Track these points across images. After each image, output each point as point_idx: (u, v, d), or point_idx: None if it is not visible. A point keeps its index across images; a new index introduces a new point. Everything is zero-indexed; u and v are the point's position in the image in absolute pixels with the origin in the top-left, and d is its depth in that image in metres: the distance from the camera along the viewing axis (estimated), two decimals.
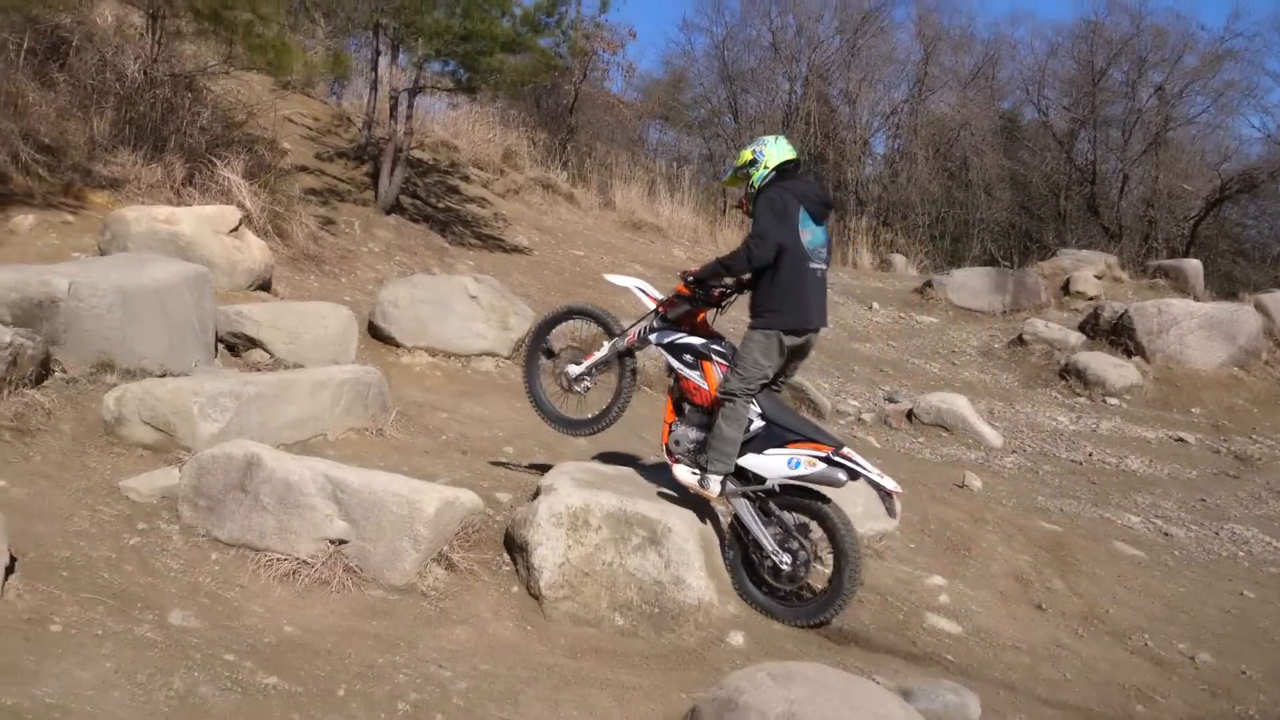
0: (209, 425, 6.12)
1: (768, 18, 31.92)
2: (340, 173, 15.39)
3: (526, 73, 15.03)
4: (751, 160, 5.83)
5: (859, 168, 30.29)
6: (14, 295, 6.49)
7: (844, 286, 18.06)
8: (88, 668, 3.99)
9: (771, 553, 5.59)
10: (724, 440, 5.58)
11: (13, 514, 4.88)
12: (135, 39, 13.12)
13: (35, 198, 10.55)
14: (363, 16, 14.59)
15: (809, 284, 5.62)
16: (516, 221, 17.30)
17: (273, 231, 11.39)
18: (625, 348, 6.17)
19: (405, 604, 5.09)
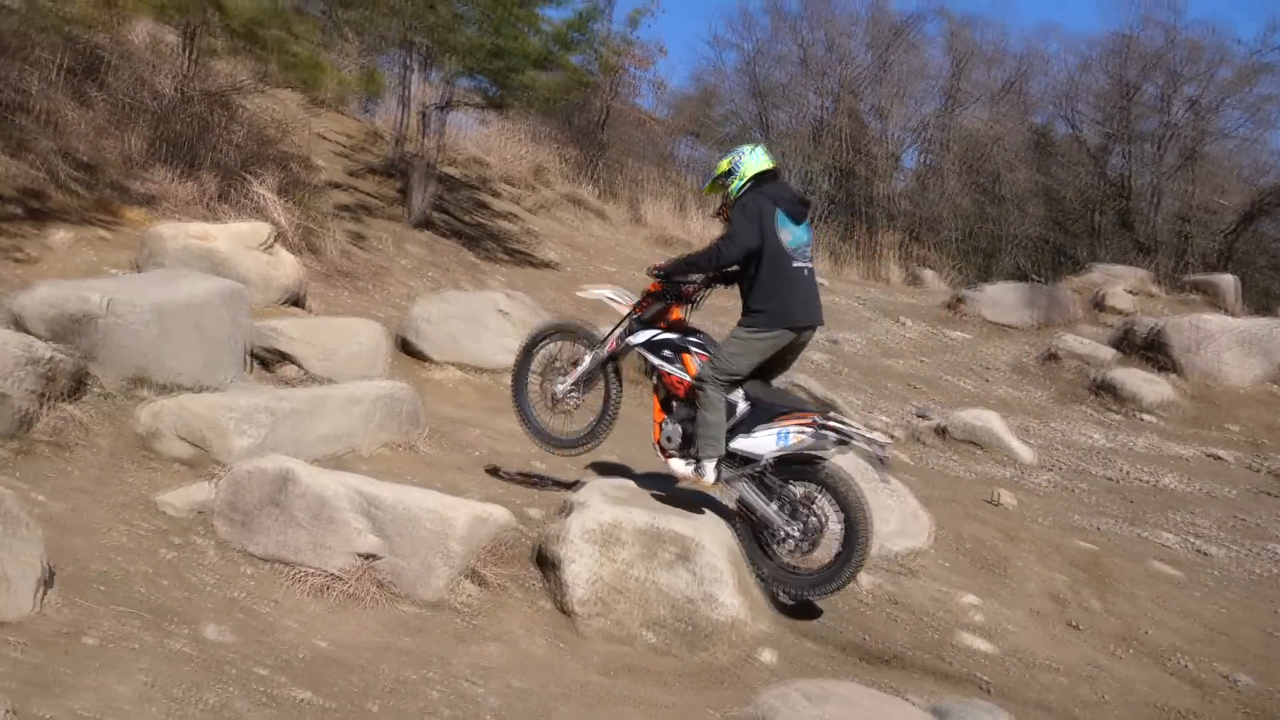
0: (243, 440, 6.16)
1: (798, 33, 31.93)
2: (372, 189, 15.49)
3: (557, 89, 15.11)
4: (729, 170, 5.95)
5: (889, 182, 30.20)
6: (51, 311, 6.57)
7: (874, 302, 17.99)
8: (124, 681, 4.01)
9: (781, 525, 5.62)
10: (707, 426, 5.65)
11: (50, 528, 4.92)
12: (170, 57, 13.28)
13: (72, 214, 10.67)
14: (395, 34, 14.70)
15: (795, 282, 5.71)
16: (547, 237, 17.36)
17: (305, 247, 11.47)
18: (607, 355, 6.23)
19: (437, 620, 5.10)
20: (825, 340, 14.51)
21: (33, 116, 11.19)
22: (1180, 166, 28.16)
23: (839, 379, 12.46)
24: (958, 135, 30.05)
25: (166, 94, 12.59)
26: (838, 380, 12.34)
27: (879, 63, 30.53)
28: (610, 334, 6.26)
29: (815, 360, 13.02)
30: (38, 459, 5.88)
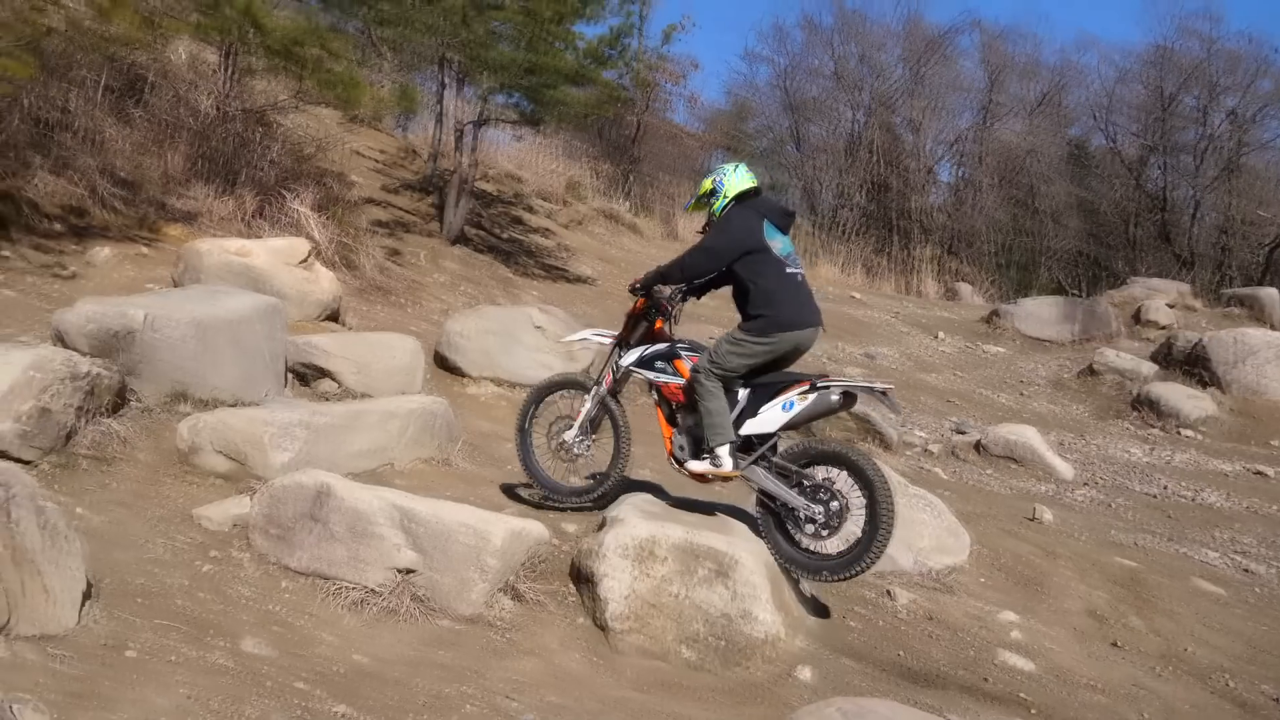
0: (281, 455, 6.20)
1: (831, 47, 31.91)
2: (407, 204, 15.59)
3: (591, 105, 15.18)
4: (712, 190, 6.01)
5: (924, 196, 30.07)
6: (92, 327, 6.64)
7: (910, 316, 17.91)
8: (164, 694, 4.03)
9: (802, 508, 5.58)
10: (712, 414, 5.67)
11: (91, 541, 4.97)
12: (209, 75, 13.44)
13: (113, 231, 10.81)
14: (430, 51, 14.82)
15: (791, 287, 5.77)
16: (581, 252, 17.40)
17: (341, 263, 11.55)
18: (606, 391, 6.27)
19: (473, 634, 5.10)
20: (860, 354, 14.47)
21: (75, 135, 11.35)
22: (1219, 178, 27.87)
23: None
24: (993, 148, 29.89)
25: (206, 112, 12.74)
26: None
27: (913, 76, 30.45)
28: (604, 369, 6.34)
29: (850, 374, 12.97)
30: (79, 473, 5.95)
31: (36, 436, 5.82)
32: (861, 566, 5.49)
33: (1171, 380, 13.17)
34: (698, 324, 11.08)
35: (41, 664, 4.05)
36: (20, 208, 10.30)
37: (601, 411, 6.32)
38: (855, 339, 15.70)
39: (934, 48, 30.71)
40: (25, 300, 9.18)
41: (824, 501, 5.58)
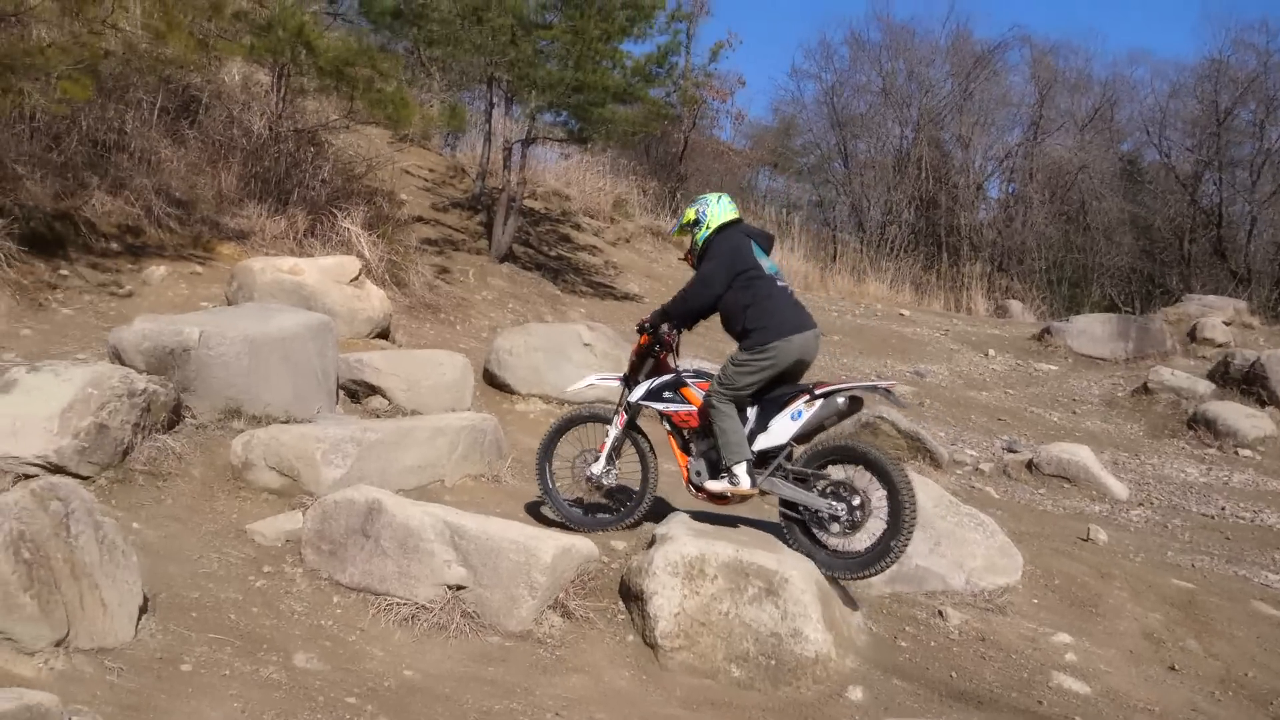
0: (332, 471, 6.25)
1: (878, 63, 31.79)
2: (455, 222, 15.71)
3: (638, 122, 15.23)
4: (695, 220, 6.16)
5: (972, 212, 29.84)
6: (148, 344, 6.74)
7: (959, 333, 17.76)
8: (217, 707, 4.07)
9: (825, 509, 5.63)
10: (727, 434, 5.75)
11: (146, 555, 5.04)
12: (261, 96, 13.64)
13: (167, 249, 10.98)
14: (478, 70, 14.94)
15: (784, 298, 5.93)
16: (627, 269, 17.44)
17: (391, 280, 11.65)
18: (622, 429, 6.35)
19: (522, 651, 5.10)
20: (909, 372, 14.37)
21: (131, 155, 11.55)
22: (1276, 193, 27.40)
23: (923, 411, 12.30)
24: (1043, 164, 29.60)
25: (258, 132, 12.91)
26: (922, 413, 12.19)
27: (961, 91, 30.25)
28: (618, 408, 6.41)
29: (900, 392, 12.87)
30: (135, 488, 6.03)
31: (94, 452, 5.91)
32: (890, 558, 5.52)
33: (1228, 399, 12.95)
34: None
35: (99, 676, 4.11)
36: (78, 227, 10.49)
37: (624, 443, 6.41)
38: (904, 356, 15.59)
39: (982, 63, 30.50)
40: (82, 318, 9.34)
41: (845, 499, 5.63)
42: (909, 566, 6.39)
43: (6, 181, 9.99)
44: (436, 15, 13.44)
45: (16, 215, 9.73)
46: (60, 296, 9.59)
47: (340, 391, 8.01)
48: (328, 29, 13.26)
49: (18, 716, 3.33)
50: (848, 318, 18.17)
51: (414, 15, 13.82)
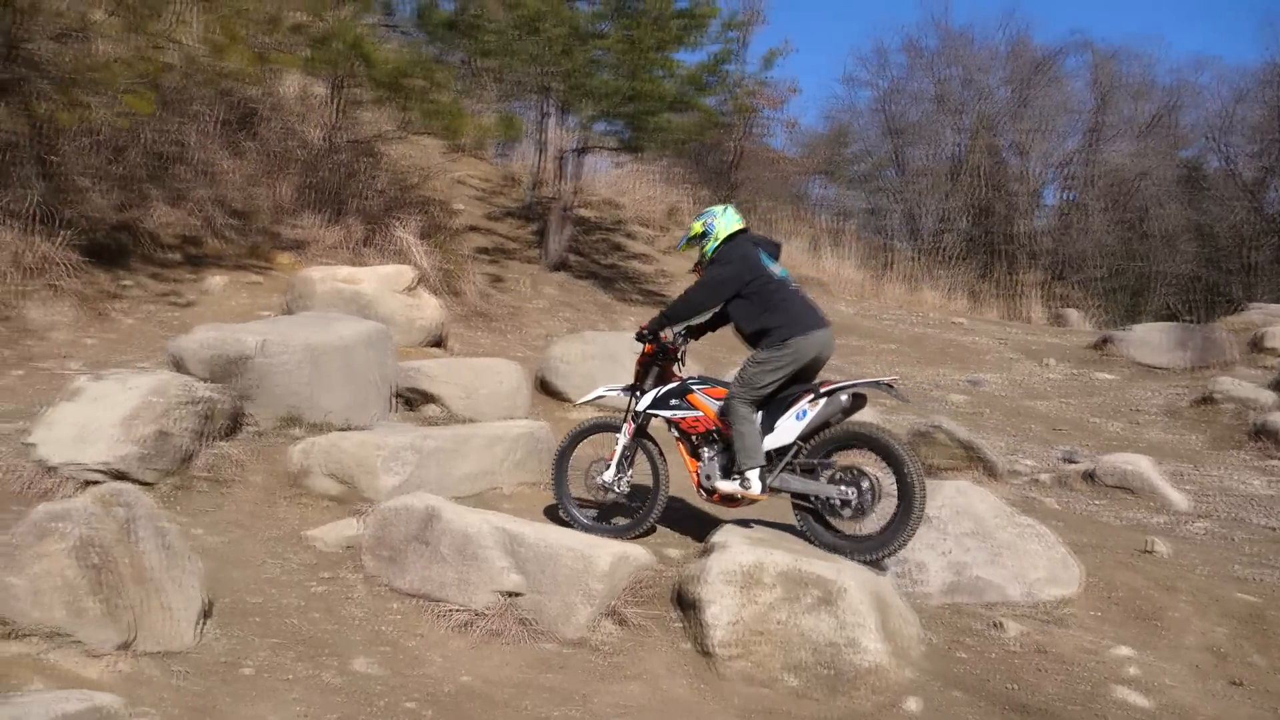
0: (390, 478, 6.30)
1: (933, 70, 31.56)
2: (508, 231, 15.80)
3: (691, 131, 15.23)
4: (703, 232, 6.27)
5: (1029, 220, 29.50)
6: (209, 353, 6.84)
7: (1016, 342, 17.56)
8: (278, 711, 4.11)
9: (835, 495, 5.71)
10: (745, 437, 5.81)
11: (208, 560, 5.11)
12: (318, 108, 13.82)
13: (226, 259, 11.15)
14: (531, 80, 15.02)
15: (797, 299, 5.98)
16: (679, 277, 17.43)
17: (445, 289, 11.74)
18: (630, 437, 6.39)
19: (578, 658, 5.10)
20: (964, 381, 14.23)
21: (191, 167, 11.75)
22: None
23: (980, 421, 12.17)
24: (1102, 171, 29.21)
25: (314, 143, 13.09)
26: (979, 422, 12.05)
27: (1018, 98, 29.94)
28: (625, 418, 6.48)
29: (954, 401, 12.76)
30: (196, 494, 6.12)
31: (156, 459, 6.01)
32: (904, 538, 5.60)
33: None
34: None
35: (163, 680, 4.17)
36: (140, 238, 10.69)
37: (635, 451, 6.44)
38: (959, 365, 15.44)
39: (1041, 69, 30.16)
40: (144, 327, 9.51)
41: (854, 483, 5.70)
42: (967, 577, 6.33)
43: (71, 194, 10.20)
44: (491, 26, 13.54)
45: (81, 227, 9.94)
46: (123, 306, 9.77)
47: (397, 399, 8.07)
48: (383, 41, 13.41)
49: (86, 718, 3.39)
50: (902, 327, 18.03)
51: (469, 26, 13.94)
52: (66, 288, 9.38)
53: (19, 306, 8.97)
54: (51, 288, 9.29)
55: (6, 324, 8.75)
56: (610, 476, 6.39)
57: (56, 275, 9.36)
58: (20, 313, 8.95)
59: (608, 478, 6.40)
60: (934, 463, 9.12)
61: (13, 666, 3.94)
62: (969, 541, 6.48)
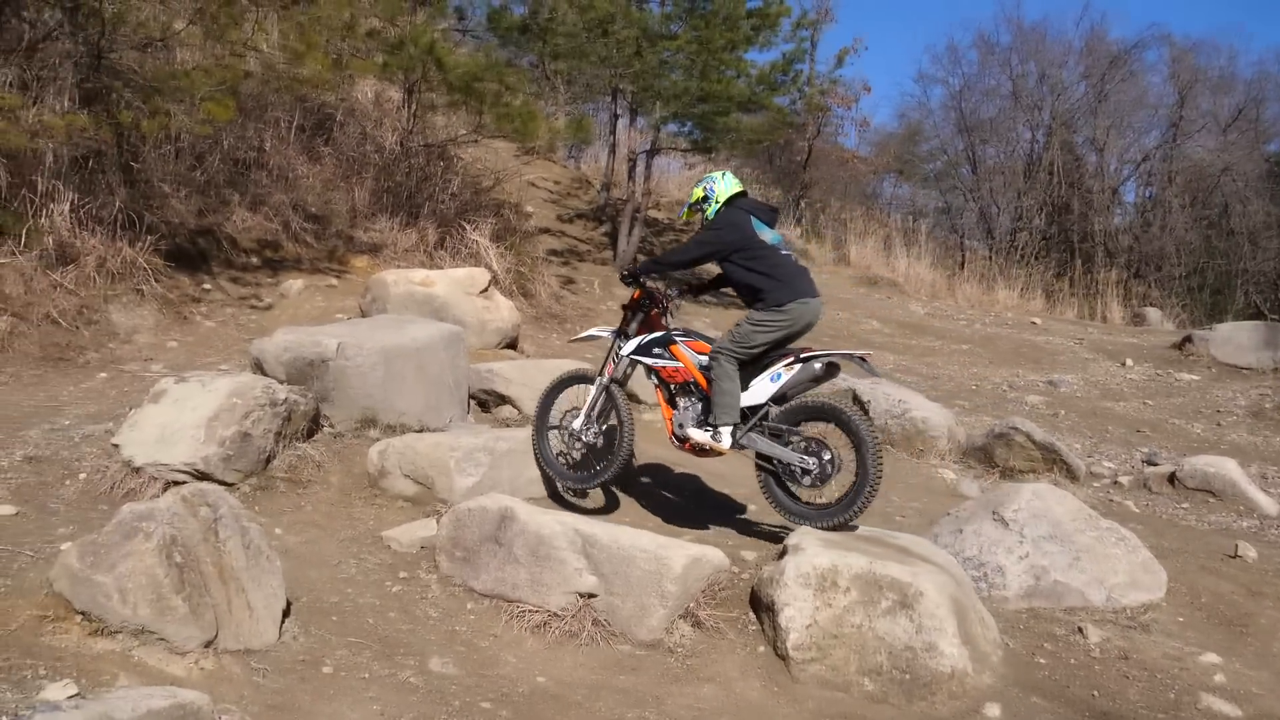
0: (464, 479, 6.35)
1: (1008, 66, 31.05)
2: (580, 233, 15.86)
3: (762, 131, 15.20)
4: (704, 197, 6.49)
5: (1107, 218, 28.91)
6: (288, 355, 6.95)
7: (1093, 342, 17.24)
8: (356, 709, 4.16)
9: (797, 462, 5.92)
10: (725, 394, 6.05)
11: (288, 560, 5.18)
12: (392, 112, 13.99)
13: (303, 263, 11.32)
14: (602, 82, 15.07)
15: (787, 266, 6.17)
16: None
17: (518, 291, 11.81)
18: (608, 379, 6.55)
19: (652, 660, 5.10)
20: (1042, 382, 14.00)
21: (269, 172, 11.95)
22: None
23: (1057, 422, 11.96)
24: (1183, 167, 28.54)
25: (389, 147, 13.24)
26: (1056, 424, 11.85)
27: (1095, 93, 29.34)
28: (605, 359, 6.66)
29: (1031, 402, 12.57)
30: (276, 495, 6.22)
31: (238, 460, 6.11)
32: (857, 508, 5.75)
33: None
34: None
35: (245, 677, 4.24)
36: (220, 243, 10.89)
37: (607, 401, 6.57)
38: (1036, 366, 15.20)
39: (1118, 64, 29.52)
40: (224, 330, 9.68)
41: (816, 453, 5.90)
42: (1046, 581, 6.22)
43: (154, 200, 10.42)
44: (562, 29, 13.62)
45: (163, 232, 10.15)
46: (203, 309, 9.96)
47: (471, 401, 8.13)
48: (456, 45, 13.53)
49: (171, 714, 3.46)
50: (976, 326, 17.80)
51: (540, 30, 14.01)
52: (149, 292, 9.59)
53: (104, 310, 9.18)
54: (135, 292, 9.50)
55: (92, 328, 8.96)
56: (579, 424, 6.58)
57: (140, 280, 9.57)
58: (105, 316, 9.16)
59: (576, 426, 6.59)
60: (1012, 465, 8.99)
61: (101, 662, 4.04)
62: (1048, 545, 6.37)
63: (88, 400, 7.67)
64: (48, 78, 9.82)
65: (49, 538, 5.28)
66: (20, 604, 4.30)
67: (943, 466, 9.11)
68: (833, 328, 15.64)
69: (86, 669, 3.97)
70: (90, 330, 8.95)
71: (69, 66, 9.91)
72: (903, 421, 9.35)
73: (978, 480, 8.86)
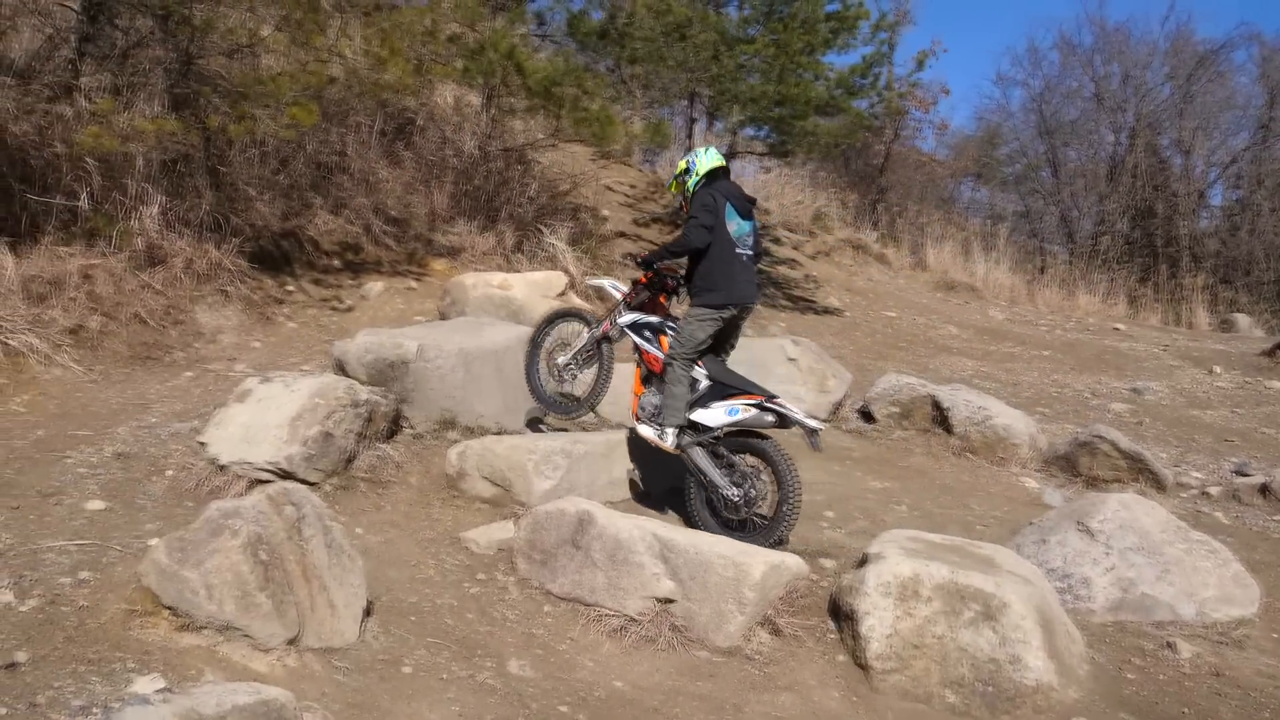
0: (542, 482, 6.36)
1: (1090, 67, 30.43)
2: (656, 237, 15.84)
3: (840, 135, 15.07)
4: (686, 169, 6.85)
5: (1193, 221, 28.19)
6: (370, 357, 7.03)
7: (1179, 349, 16.84)
8: (436, 710, 4.18)
9: (723, 488, 6.31)
10: (672, 398, 6.45)
11: (368, 560, 5.23)
12: (472, 117, 14.10)
13: (384, 265, 11.46)
14: (679, 86, 15.05)
15: (736, 266, 6.49)
16: (827, 283, 17.24)
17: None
18: (601, 334, 7.04)
19: (730, 666, 5.06)
20: (1126, 390, 13.70)
21: (351, 176, 12.11)
22: None
23: (1142, 430, 11.69)
24: (1272, 169, 27.74)
25: (468, 152, 13.35)
26: (1141, 432, 11.58)
27: (1181, 94, 28.65)
28: (606, 317, 7.10)
29: (1116, 410, 12.30)
30: (356, 494, 6.28)
31: (320, 459, 6.19)
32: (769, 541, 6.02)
33: None
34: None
35: (326, 675, 4.28)
36: (302, 245, 11.07)
37: (595, 351, 7.10)
38: (1120, 373, 14.87)
39: (1205, 64, 28.80)
40: (306, 331, 9.83)
41: (740, 485, 6.30)
42: (1134, 594, 6.07)
43: (239, 203, 10.61)
44: (640, 33, 13.62)
45: (248, 234, 10.33)
46: (286, 311, 10.12)
47: None
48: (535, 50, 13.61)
49: (255, 710, 3.50)
50: (1057, 333, 17.48)
51: (618, 34, 14.04)
52: (234, 293, 9.77)
53: (190, 311, 9.36)
54: (221, 293, 9.68)
55: (179, 328, 9.15)
56: (564, 360, 7.18)
57: (225, 281, 9.75)
58: (191, 317, 9.34)
59: (562, 361, 7.19)
60: (1096, 474, 8.80)
61: (188, 657, 4.10)
62: (1135, 557, 6.22)
63: (174, 398, 7.82)
64: (139, 83, 10.06)
65: (137, 533, 5.38)
66: (110, 598, 4.39)
67: (1024, 475, 8.94)
68: (910, 332, 15.45)
69: (173, 663, 4.04)
70: (177, 330, 9.14)
71: (159, 72, 10.15)
72: (983, 429, 9.20)
73: (1061, 489, 8.68)
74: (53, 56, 10.09)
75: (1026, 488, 8.69)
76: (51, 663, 3.95)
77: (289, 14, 9.90)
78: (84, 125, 9.08)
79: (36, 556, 4.92)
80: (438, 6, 11.59)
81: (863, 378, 11.36)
